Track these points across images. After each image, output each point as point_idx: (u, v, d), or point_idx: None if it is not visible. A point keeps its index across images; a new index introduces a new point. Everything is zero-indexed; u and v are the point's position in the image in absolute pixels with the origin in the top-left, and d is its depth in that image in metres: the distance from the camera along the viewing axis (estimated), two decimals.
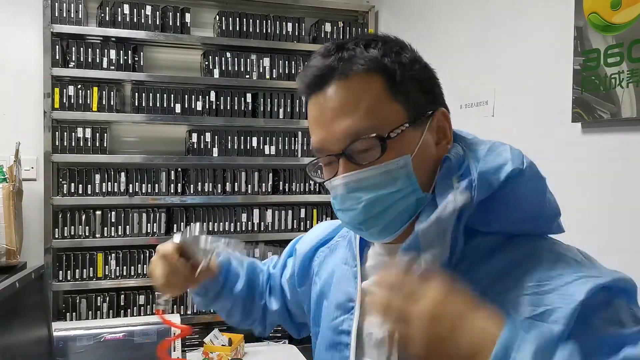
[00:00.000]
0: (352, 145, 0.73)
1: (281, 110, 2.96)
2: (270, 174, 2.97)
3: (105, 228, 2.73)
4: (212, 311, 2.85)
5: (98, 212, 2.71)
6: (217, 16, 2.91)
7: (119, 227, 2.74)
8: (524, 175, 0.72)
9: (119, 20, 2.72)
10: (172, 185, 2.82)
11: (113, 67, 2.71)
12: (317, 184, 3.04)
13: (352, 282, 0.86)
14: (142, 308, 2.75)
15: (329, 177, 0.77)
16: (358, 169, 0.73)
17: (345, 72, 0.74)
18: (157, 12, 2.79)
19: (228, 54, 2.88)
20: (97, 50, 2.69)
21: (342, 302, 0.86)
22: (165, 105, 2.78)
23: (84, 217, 2.69)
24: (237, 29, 2.90)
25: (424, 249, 0.69)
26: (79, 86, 2.66)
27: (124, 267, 2.73)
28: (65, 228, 2.66)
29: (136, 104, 2.74)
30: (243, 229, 2.91)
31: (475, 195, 0.70)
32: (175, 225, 2.82)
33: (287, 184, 2.99)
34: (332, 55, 0.75)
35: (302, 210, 3.00)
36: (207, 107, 2.85)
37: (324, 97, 0.75)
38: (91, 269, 2.69)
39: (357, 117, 0.72)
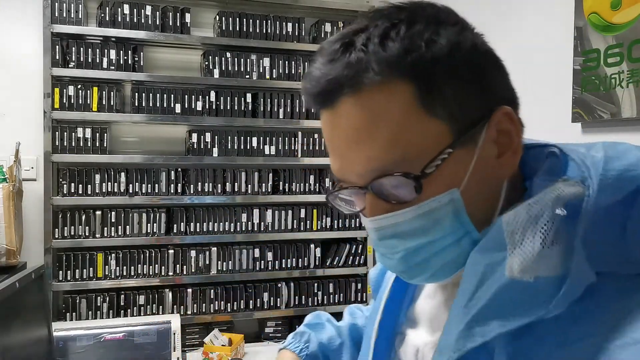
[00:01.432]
0: (378, 180, 0.54)
1: (281, 110, 2.96)
2: (270, 174, 2.97)
3: (105, 228, 2.73)
4: (212, 311, 2.85)
5: (98, 212, 2.71)
6: (217, 16, 2.91)
7: (119, 227, 2.74)
8: None
9: (119, 20, 2.72)
10: (172, 185, 2.82)
11: (113, 67, 2.71)
12: (317, 184, 3.04)
13: (367, 340, 0.71)
14: (142, 308, 2.75)
15: (358, 209, 0.59)
16: (391, 210, 0.55)
17: (356, 84, 0.52)
18: (157, 12, 2.79)
19: (228, 54, 2.88)
20: (97, 50, 2.69)
21: (365, 341, 0.73)
22: (165, 105, 2.78)
23: (84, 217, 2.69)
24: (237, 29, 2.90)
25: (511, 247, 0.49)
26: (79, 86, 2.66)
27: (124, 267, 2.73)
28: (65, 228, 2.66)
29: (136, 104, 2.74)
30: (243, 229, 2.91)
31: (594, 191, 0.48)
32: (175, 225, 2.82)
33: (287, 184, 2.99)
34: (337, 60, 0.54)
35: (302, 210, 3.00)
36: (207, 107, 2.85)
37: (333, 116, 0.56)
38: (91, 269, 2.69)
39: (377, 148, 0.52)
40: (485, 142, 0.54)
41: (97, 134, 2.69)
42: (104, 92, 2.70)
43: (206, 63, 2.87)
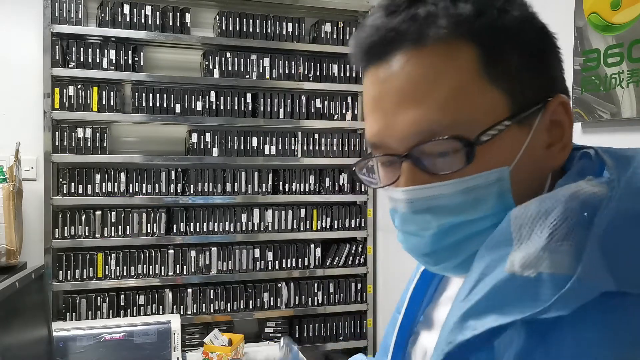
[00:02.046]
0: (422, 146, 0.50)
1: (281, 110, 2.96)
2: (270, 174, 2.97)
3: (105, 228, 2.73)
4: (212, 311, 2.85)
5: (98, 212, 2.71)
6: (217, 16, 2.91)
7: (119, 227, 2.74)
8: None
9: (119, 20, 2.72)
10: (172, 185, 2.82)
11: (113, 67, 2.71)
12: (317, 184, 3.04)
13: (392, 332, 0.67)
14: (142, 308, 2.75)
15: (387, 182, 0.54)
16: (429, 181, 0.50)
17: (420, 37, 0.49)
18: (157, 12, 2.79)
19: (228, 54, 2.88)
20: (97, 50, 2.69)
21: (382, 353, 0.70)
22: (165, 105, 2.78)
23: (84, 217, 2.69)
24: (237, 29, 2.90)
25: (517, 242, 0.45)
26: (79, 86, 2.66)
27: (124, 267, 2.73)
28: (65, 228, 2.66)
29: (136, 104, 2.74)
30: (243, 229, 2.91)
31: (617, 195, 0.45)
32: (175, 225, 2.82)
33: (287, 184, 2.99)
34: (401, 12, 0.50)
35: (302, 211, 3.00)
36: (207, 107, 2.85)
37: (387, 71, 0.51)
38: (91, 269, 2.69)
39: (432, 107, 0.49)
40: (538, 128, 0.51)
41: (97, 134, 2.69)
42: (104, 92, 2.70)
43: (206, 63, 2.87)
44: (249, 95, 2.92)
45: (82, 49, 2.67)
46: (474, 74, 0.49)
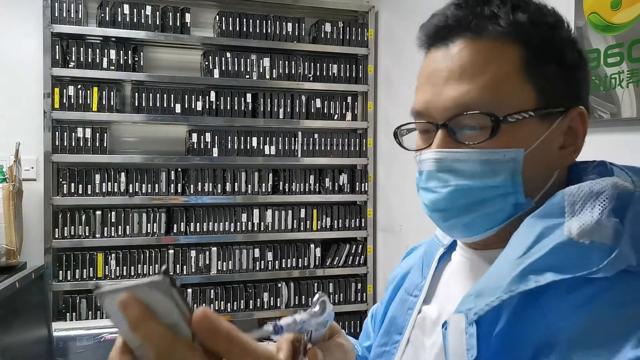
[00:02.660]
0: (459, 117, 0.60)
1: (281, 110, 2.96)
2: (270, 174, 2.97)
3: (105, 228, 2.73)
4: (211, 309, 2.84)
5: (98, 212, 2.71)
6: (217, 16, 2.91)
7: (119, 227, 2.74)
8: None
9: (119, 20, 2.72)
10: (172, 185, 2.82)
11: (113, 67, 2.71)
12: (317, 184, 3.04)
13: (406, 313, 0.74)
14: None
15: (421, 147, 0.65)
16: (457, 147, 0.61)
17: (479, 30, 0.61)
18: (157, 12, 2.79)
19: (228, 54, 2.88)
20: (97, 50, 2.69)
21: (389, 332, 0.75)
22: (165, 105, 2.78)
23: (84, 217, 2.69)
24: (237, 29, 2.90)
25: (570, 214, 0.54)
26: (79, 86, 2.66)
27: (124, 267, 2.73)
28: (65, 228, 2.66)
29: (136, 104, 2.74)
30: (243, 229, 2.91)
31: None
32: (175, 225, 2.82)
33: (287, 184, 2.99)
34: (470, 8, 0.62)
35: (302, 210, 3.00)
36: (207, 107, 2.85)
37: (445, 53, 0.62)
38: (91, 269, 2.69)
39: (475, 86, 0.59)
40: (557, 128, 0.62)
41: (97, 134, 2.69)
42: (104, 92, 2.70)
43: (206, 63, 2.87)
44: (249, 95, 2.92)
45: (82, 49, 2.67)
46: (515, 69, 0.60)
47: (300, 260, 3.00)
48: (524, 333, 0.53)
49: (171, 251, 2.81)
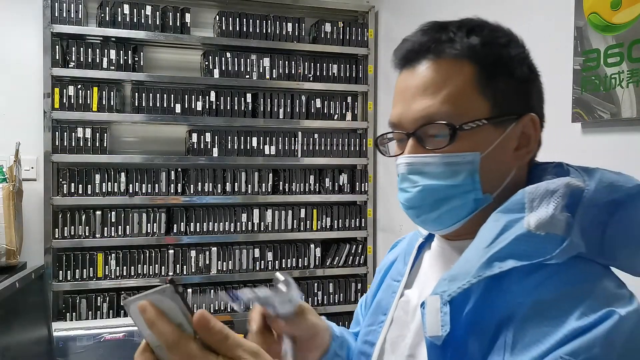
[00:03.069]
0: (424, 127, 0.70)
1: (281, 110, 2.96)
2: (270, 174, 2.97)
3: (105, 228, 2.72)
4: (212, 311, 2.85)
5: (98, 212, 2.71)
6: (217, 16, 2.91)
7: (119, 227, 2.74)
8: None
9: (119, 20, 2.72)
10: (172, 185, 2.82)
11: (113, 67, 2.71)
12: (317, 184, 3.04)
13: (390, 296, 0.84)
14: None
15: (395, 154, 0.76)
16: (424, 153, 0.71)
17: (438, 53, 0.71)
18: (157, 12, 2.79)
19: (228, 54, 2.88)
20: (97, 50, 2.69)
21: (376, 313, 0.85)
22: (165, 105, 2.78)
23: (84, 217, 2.69)
24: (237, 29, 2.90)
25: (529, 209, 0.64)
26: (79, 86, 2.66)
27: (124, 267, 2.73)
28: (65, 228, 2.66)
29: (136, 104, 2.74)
30: (243, 229, 2.91)
31: (591, 189, 0.64)
32: (175, 225, 2.82)
33: (287, 184, 2.99)
34: (430, 34, 0.73)
35: (302, 210, 3.00)
36: (207, 107, 2.85)
37: (413, 73, 0.73)
38: (91, 269, 2.69)
39: (436, 101, 0.69)
40: (510, 133, 0.71)
41: (97, 134, 2.69)
42: (104, 92, 2.70)
43: (206, 63, 2.87)
44: (249, 95, 2.92)
45: (82, 49, 2.67)
46: (470, 84, 0.70)
47: (300, 260, 3.00)
48: (489, 311, 0.62)
49: (171, 251, 2.81)
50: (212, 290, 2.84)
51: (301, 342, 0.79)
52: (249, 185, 2.92)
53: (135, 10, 2.74)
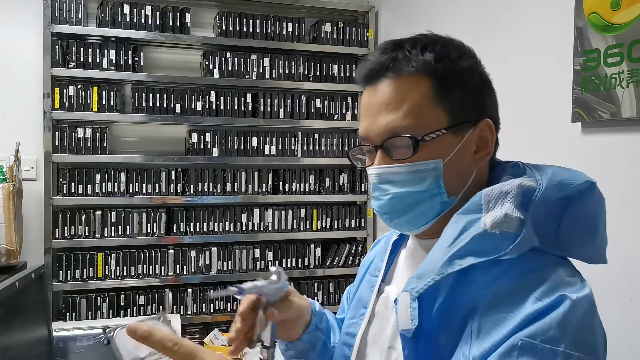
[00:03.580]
0: (390, 140, 0.76)
1: (281, 110, 2.96)
2: (270, 174, 2.97)
3: (105, 228, 2.72)
4: (212, 311, 2.85)
5: (98, 212, 2.71)
6: (217, 16, 2.91)
7: (119, 227, 2.74)
8: (594, 191, 0.73)
9: (119, 20, 2.72)
10: (172, 185, 2.82)
11: (113, 67, 2.71)
12: (317, 184, 3.04)
13: (369, 291, 0.91)
14: (142, 308, 2.75)
15: (368, 164, 0.81)
16: (391, 163, 0.77)
17: (396, 71, 0.76)
18: (157, 12, 2.79)
19: (228, 54, 2.88)
20: (97, 50, 2.69)
21: (357, 307, 0.92)
22: (165, 105, 2.78)
23: (84, 217, 2.69)
24: (237, 29, 2.90)
25: (485, 210, 0.69)
26: (79, 86, 2.66)
27: (124, 267, 2.73)
28: (65, 228, 2.66)
29: (136, 104, 2.74)
30: (243, 229, 2.91)
31: (542, 188, 0.70)
32: (175, 225, 2.82)
33: (287, 184, 2.99)
34: (388, 54, 0.78)
35: (302, 210, 3.00)
36: (207, 107, 2.85)
37: (375, 90, 0.78)
38: (91, 269, 2.69)
39: (398, 115, 0.75)
40: (469, 138, 0.77)
41: (97, 134, 2.69)
42: (104, 92, 2.70)
43: (206, 63, 2.87)
44: (249, 95, 2.92)
45: (82, 49, 2.67)
46: (428, 98, 0.76)
47: (300, 260, 3.00)
48: (457, 304, 0.69)
49: (171, 251, 2.81)
50: (217, 287, 2.84)
51: (288, 322, 0.92)
52: (249, 185, 2.92)
53: (135, 10, 2.74)
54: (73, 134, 2.66)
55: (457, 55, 0.78)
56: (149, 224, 2.78)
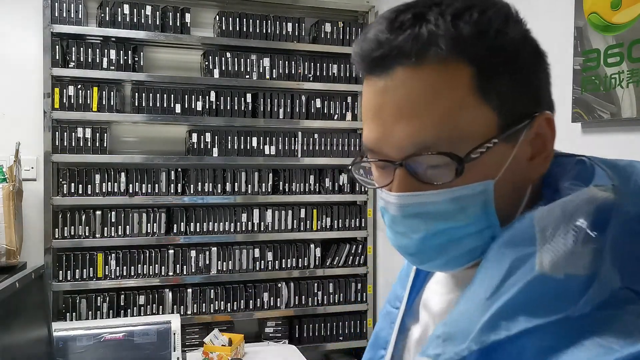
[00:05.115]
0: (416, 157, 0.53)
1: (281, 110, 2.96)
2: (270, 174, 2.97)
3: (105, 228, 2.72)
4: (212, 311, 2.85)
5: (98, 212, 2.71)
6: (217, 16, 2.91)
7: (119, 227, 2.74)
8: None
9: (119, 20, 2.72)
10: (172, 185, 2.82)
11: (113, 67, 2.71)
12: (317, 184, 3.04)
13: (388, 327, 0.70)
14: (142, 308, 2.75)
15: (381, 184, 0.57)
16: (420, 189, 0.54)
17: (420, 56, 0.51)
18: (157, 12, 2.79)
19: (228, 54, 2.88)
20: (97, 50, 2.69)
21: (375, 346, 0.72)
22: (165, 105, 2.78)
23: (84, 217, 2.69)
24: (237, 29, 2.90)
25: (541, 242, 0.48)
26: (79, 86, 2.66)
27: (124, 267, 2.73)
28: (65, 228, 2.66)
29: (136, 104, 2.74)
30: (243, 229, 2.91)
31: (625, 200, 0.49)
32: (175, 225, 2.82)
33: (287, 184, 2.99)
34: (405, 30, 0.52)
35: (302, 210, 3.00)
36: (207, 107, 2.85)
37: (387, 84, 0.53)
38: (91, 269, 2.69)
39: (427, 123, 0.52)
40: (523, 141, 0.54)
41: (97, 134, 2.69)
42: (104, 92, 2.70)
43: (206, 63, 2.87)
44: (249, 95, 2.92)
45: (82, 49, 2.67)
46: (468, 93, 0.52)
47: (300, 260, 3.00)
48: None
49: (171, 251, 2.81)
50: (217, 287, 2.85)
51: None
52: (249, 185, 2.92)
53: (135, 10, 2.74)
54: (73, 134, 2.66)
55: (502, 23, 0.53)
56: (149, 224, 2.78)
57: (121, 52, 2.73)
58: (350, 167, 0.61)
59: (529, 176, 0.56)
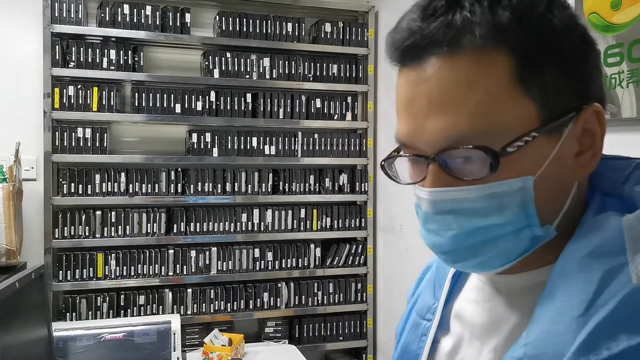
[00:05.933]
0: (450, 151, 0.51)
1: (281, 110, 2.96)
2: (270, 174, 2.97)
3: (105, 228, 2.72)
4: (212, 311, 2.85)
5: (98, 212, 2.71)
6: (217, 16, 2.91)
7: (119, 227, 2.74)
8: None
9: (119, 20, 2.72)
10: (172, 185, 2.82)
11: (113, 67, 2.71)
12: (317, 184, 3.04)
13: (419, 340, 0.66)
14: (142, 308, 2.75)
15: (414, 180, 0.55)
16: (454, 185, 0.51)
17: (454, 44, 0.49)
18: (157, 12, 2.79)
19: (228, 54, 2.88)
20: (97, 50, 2.69)
21: None
22: (165, 105, 2.78)
23: (84, 217, 2.69)
24: (237, 29, 2.90)
25: (632, 252, 0.45)
26: (79, 86, 2.66)
27: (124, 267, 2.73)
28: (65, 228, 2.66)
29: (136, 104, 2.74)
30: (243, 229, 2.91)
31: None
32: (175, 225, 2.82)
33: (287, 184, 2.99)
34: (438, 17, 0.50)
35: (302, 211, 3.00)
36: (207, 107, 2.85)
37: (420, 75, 0.51)
38: (91, 269, 2.69)
39: (461, 116, 0.49)
40: (568, 136, 0.51)
41: (97, 134, 2.69)
42: (104, 92, 2.70)
43: (206, 63, 2.87)
44: (249, 95, 2.92)
45: (82, 49, 2.67)
46: (507, 85, 0.49)
47: (300, 260, 3.00)
48: None
49: (171, 251, 2.81)
50: (217, 287, 2.85)
51: None
52: (249, 185, 2.92)
53: (135, 10, 2.74)
54: (73, 134, 2.66)
55: (545, 8, 0.49)
56: (149, 224, 2.78)
57: (121, 52, 2.73)
58: (383, 163, 0.58)
59: (574, 175, 0.53)
